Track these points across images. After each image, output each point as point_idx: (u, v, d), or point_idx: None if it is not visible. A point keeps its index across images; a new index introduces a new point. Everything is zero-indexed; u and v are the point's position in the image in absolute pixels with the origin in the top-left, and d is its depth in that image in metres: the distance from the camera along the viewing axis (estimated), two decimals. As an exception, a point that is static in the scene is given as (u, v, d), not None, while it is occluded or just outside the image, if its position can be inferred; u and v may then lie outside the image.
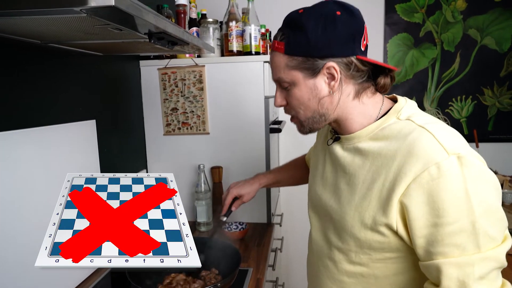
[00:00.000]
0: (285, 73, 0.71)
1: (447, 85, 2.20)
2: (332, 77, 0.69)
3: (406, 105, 0.73)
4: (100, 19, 0.60)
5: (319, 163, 0.88)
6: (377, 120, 0.72)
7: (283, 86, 0.73)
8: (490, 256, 0.58)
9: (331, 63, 0.67)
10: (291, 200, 2.29)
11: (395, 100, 0.76)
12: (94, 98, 1.26)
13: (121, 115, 1.46)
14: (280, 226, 1.92)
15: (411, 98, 0.76)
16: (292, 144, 2.25)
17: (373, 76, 0.73)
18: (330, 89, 0.70)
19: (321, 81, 0.70)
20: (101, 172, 1.25)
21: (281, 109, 2.28)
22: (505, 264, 0.61)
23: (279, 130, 1.60)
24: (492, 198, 0.60)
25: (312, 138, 2.20)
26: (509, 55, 2.12)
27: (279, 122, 1.75)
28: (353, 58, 0.68)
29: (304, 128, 0.77)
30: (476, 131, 2.18)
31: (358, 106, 0.73)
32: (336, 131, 0.80)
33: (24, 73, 0.95)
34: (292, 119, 0.79)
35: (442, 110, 2.23)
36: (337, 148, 0.78)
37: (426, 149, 0.61)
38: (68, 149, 1.08)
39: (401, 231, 0.64)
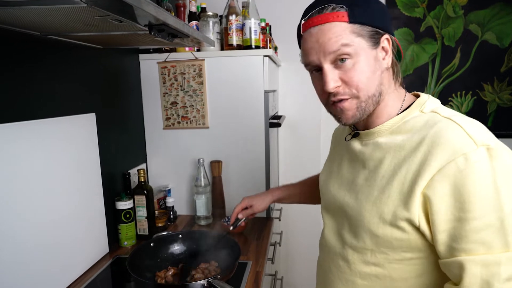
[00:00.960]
0: (351, 39, 0.63)
1: (447, 80, 2.19)
2: (385, 51, 0.68)
3: (430, 99, 0.70)
4: (100, 10, 0.60)
5: (334, 165, 0.85)
6: (399, 113, 0.70)
7: (343, 58, 0.64)
8: None
9: (387, 36, 0.67)
10: (291, 195, 2.30)
11: (417, 96, 0.74)
12: (93, 92, 1.26)
13: (121, 108, 1.46)
14: (279, 220, 1.93)
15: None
16: (291, 139, 2.25)
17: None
18: (386, 63, 0.68)
19: (379, 54, 0.67)
20: (101, 165, 1.25)
21: (281, 103, 2.28)
22: None
23: (278, 125, 1.60)
24: None
25: (311, 135, 2.20)
26: (509, 50, 2.12)
27: (279, 117, 1.75)
28: (394, 37, 0.68)
29: (360, 110, 0.68)
30: (476, 126, 2.18)
31: (394, 91, 0.72)
32: (356, 127, 0.78)
33: (23, 64, 0.95)
34: (343, 102, 0.68)
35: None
36: (356, 144, 0.76)
37: (453, 140, 0.58)
38: (67, 142, 1.08)
39: (423, 226, 0.61)
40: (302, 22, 0.68)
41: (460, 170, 0.56)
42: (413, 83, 2.20)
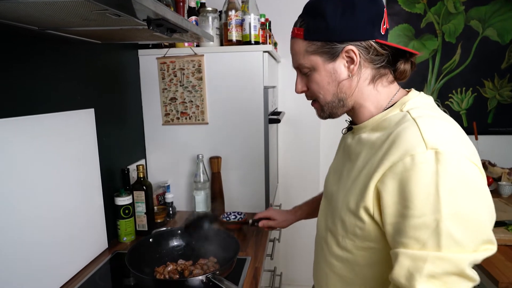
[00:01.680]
0: (305, 59, 0.73)
1: (448, 77, 2.19)
2: (351, 60, 0.71)
3: (417, 97, 0.72)
4: (98, 4, 0.59)
5: (335, 157, 0.93)
6: (384, 110, 0.74)
7: (303, 72, 0.75)
8: (448, 258, 0.56)
9: (350, 47, 0.69)
10: (290, 192, 2.30)
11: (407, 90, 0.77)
12: (92, 87, 1.26)
13: (120, 104, 1.45)
14: (279, 216, 1.93)
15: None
16: (291, 135, 2.25)
17: (393, 62, 0.74)
18: (350, 72, 0.72)
19: (340, 65, 0.72)
20: (100, 161, 1.25)
21: (280, 99, 2.28)
22: (470, 275, 0.57)
23: (278, 121, 1.59)
24: (468, 204, 0.57)
25: (311, 131, 2.20)
26: (510, 47, 2.11)
27: (278, 113, 1.75)
28: (372, 42, 0.69)
29: (324, 113, 0.79)
30: (476, 123, 2.18)
31: (373, 93, 0.74)
32: (351, 121, 0.83)
33: (21, 59, 0.94)
34: (313, 104, 0.81)
35: (442, 102, 2.23)
36: (349, 138, 0.82)
37: (407, 140, 0.62)
38: (66, 138, 1.07)
39: (377, 216, 0.66)
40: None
41: (406, 169, 0.59)
42: (413, 79, 2.19)
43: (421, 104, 0.71)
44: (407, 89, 0.77)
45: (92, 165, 1.21)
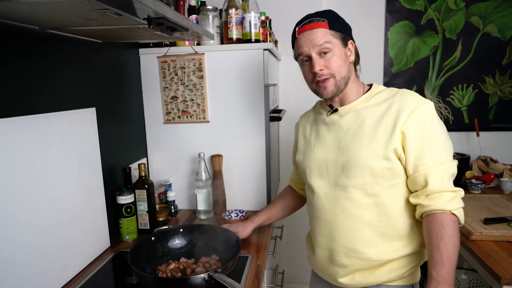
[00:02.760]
0: (330, 38, 0.96)
1: (448, 73, 2.18)
2: (350, 51, 1.01)
3: (380, 85, 1.07)
4: (99, 3, 0.60)
5: (310, 144, 1.11)
6: (364, 94, 1.04)
7: (325, 51, 0.96)
8: (454, 163, 0.93)
9: (350, 40, 1.02)
10: (291, 189, 2.30)
11: (369, 85, 1.08)
12: (93, 86, 1.26)
13: (121, 103, 1.46)
14: (280, 214, 1.93)
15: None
16: (292, 133, 2.25)
17: None
18: (350, 59, 1.02)
19: (346, 52, 1.00)
20: (102, 160, 1.25)
21: (281, 97, 2.27)
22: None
23: (279, 119, 1.59)
24: (445, 130, 0.96)
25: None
26: (511, 43, 2.11)
27: (279, 111, 1.75)
28: (353, 42, 1.04)
29: (336, 87, 0.99)
30: (477, 120, 2.18)
31: (356, 79, 1.06)
32: (333, 106, 1.06)
33: (22, 59, 0.95)
34: (326, 81, 0.98)
35: (443, 99, 2.23)
36: (335, 118, 1.05)
37: (415, 96, 0.96)
38: (67, 137, 1.08)
39: (401, 154, 0.93)
40: (297, 28, 1.00)
41: (423, 112, 0.93)
42: (414, 76, 2.19)
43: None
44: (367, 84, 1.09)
45: (94, 164, 1.21)
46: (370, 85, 1.07)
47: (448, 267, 0.84)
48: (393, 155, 0.93)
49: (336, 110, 1.04)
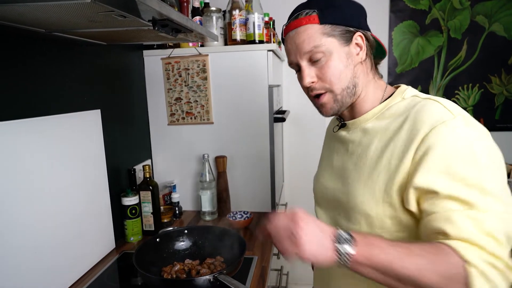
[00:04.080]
0: (322, 40, 0.71)
1: (454, 73, 2.17)
2: (359, 47, 0.74)
3: (409, 88, 0.77)
4: (104, 5, 0.60)
5: (324, 160, 0.91)
6: (381, 102, 0.76)
7: (316, 58, 0.72)
8: (499, 215, 0.58)
9: (359, 33, 0.73)
10: (295, 191, 2.30)
11: (397, 88, 0.80)
12: (98, 88, 1.26)
13: (125, 105, 1.46)
14: (285, 215, 1.93)
15: (416, 87, 0.79)
16: (296, 134, 2.25)
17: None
18: (360, 58, 0.74)
19: (352, 49, 0.74)
20: (106, 162, 1.25)
21: (285, 98, 2.27)
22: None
23: (283, 120, 1.59)
24: (498, 159, 0.63)
25: (316, 129, 2.19)
26: (517, 42, 2.09)
27: (283, 112, 1.74)
28: (369, 33, 0.75)
29: (336, 103, 0.75)
30: (483, 120, 2.16)
31: (373, 82, 0.78)
32: (343, 118, 0.83)
33: (28, 62, 0.95)
34: (321, 98, 0.75)
35: (449, 99, 2.18)
36: (343, 134, 0.82)
37: (433, 113, 0.64)
38: (73, 138, 1.08)
39: (410, 196, 0.64)
40: (284, 27, 0.77)
41: (442, 136, 0.61)
42: (419, 76, 2.18)
43: (418, 92, 0.75)
44: (394, 86, 0.81)
45: (99, 166, 1.22)
46: (398, 87, 0.79)
47: (380, 254, 0.57)
48: (396, 198, 0.66)
49: (344, 124, 0.81)
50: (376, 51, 0.79)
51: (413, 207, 0.64)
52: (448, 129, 0.61)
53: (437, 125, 0.62)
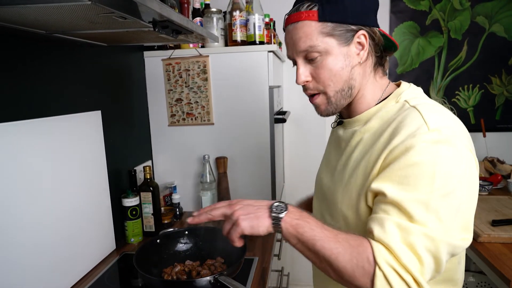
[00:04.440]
0: (318, 40, 0.67)
1: (454, 74, 2.17)
2: (361, 46, 0.70)
3: (409, 89, 0.73)
4: (105, 7, 0.60)
5: (325, 154, 0.91)
6: (377, 103, 0.74)
7: (312, 57, 0.69)
8: (432, 236, 0.57)
9: (362, 31, 0.69)
10: (296, 191, 2.30)
11: (398, 85, 0.77)
12: (99, 89, 1.27)
13: (126, 106, 1.46)
14: (285, 216, 1.93)
15: None
16: (296, 134, 2.25)
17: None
18: (360, 58, 0.70)
19: (352, 49, 0.70)
20: (107, 163, 1.25)
21: (285, 99, 2.27)
22: (442, 261, 0.58)
23: (283, 120, 1.59)
24: (460, 190, 0.59)
25: (317, 130, 2.19)
26: (517, 42, 2.09)
27: (284, 112, 1.74)
28: (376, 29, 0.70)
29: (330, 105, 0.73)
30: (484, 120, 2.16)
31: (372, 82, 0.75)
32: (341, 115, 0.83)
33: (29, 63, 0.95)
34: (314, 99, 0.74)
35: (449, 100, 2.21)
36: (340, 131, 0.81)
37: (410, 125, 0.63)
38: (74, 139, 1.08)
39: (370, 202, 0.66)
40: (285, 17, 0.74)
41: (407, 149, 0.60)
42: (419, 77, 2.18)
43: (415, 95, 0.72)
44: (395, 82, 0.78)
45: (100, 167, 1.22)
46: (399, 85, 0.77)
47: (308, 232, 0.61)
48: (364, 204, 0.67)
49: (341, 122, 0.81)
50: (386, 45, 0.75)
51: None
52: (416, 143, 0.60)
53: (408, 138, 0.61)
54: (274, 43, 1.68)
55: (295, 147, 2.26)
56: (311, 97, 0.75)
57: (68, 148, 1.06)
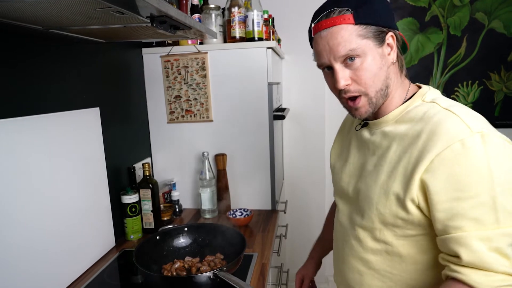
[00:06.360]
0: (357, 43, 0.69)
1: (453, 70, 2.17)
2: (389, 47, 0.73)
3: (430, 90, 0.77)
4: (102, 1, 0.60)
5: (344, 152, 0.92)
6: (403, 103, 0.76)
7: (351, 61, 0.70)
8: (509, 232, 0.60)
9: (391, 33, 0.72)
10: (296, 188, 2.30)
11: (419, 87, 0.80)
12: (97, 86, 1.26)
13: (125, 103, 1.46)
14: (285, 213, 1.93)
15: None
16: (296, 131, 2.24)
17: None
18: (391, 59, 0.74)
19: (385, 50, 0.72)
20: (106, 160, 1.25)
21: (284, 96, 2.27)
22: None
23: (282, 117, 1.59)
24: None
25: (316, 127, 2.19)
26: (517, 38, 2.08)
27: (283, 109, 1.74)
28: (398, 32, 0.75)
29: (371, 105, 0.74)
30: (483, 116, 2.15)
31: (400, 82, 0.78)
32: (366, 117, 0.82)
33: (26, 59, 0.95)
34: (356, 102, 0.74)
35: (448, 96, 2.19)
36: (365, 133, 0.82)
37: (451, 128, 0.64)
38: (72, 137, 1.08)
39: (423, 206, 0.67)
40: (312, 25, 0.73)
41: (457, 154, 0.62)
42: (418, 73, 2.17)
43: (439, 95, 0.75)
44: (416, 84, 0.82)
45: (99, 164, 1.22)
46: (419, 87, 0.79)
47: None
48: (410, 205, 0.68)
49: (366, 124, 0.82)
50: (400, 46, 0.78)
51: (425, 211, 0.68)
52: (464, 147, 0.62)
53: (454, 143, 0.62)
54: (273, 40, 1.68)
55: (294, 144, 2.26)
56: (352, 100, 0.75)
57: (66, 145, 1.05)
